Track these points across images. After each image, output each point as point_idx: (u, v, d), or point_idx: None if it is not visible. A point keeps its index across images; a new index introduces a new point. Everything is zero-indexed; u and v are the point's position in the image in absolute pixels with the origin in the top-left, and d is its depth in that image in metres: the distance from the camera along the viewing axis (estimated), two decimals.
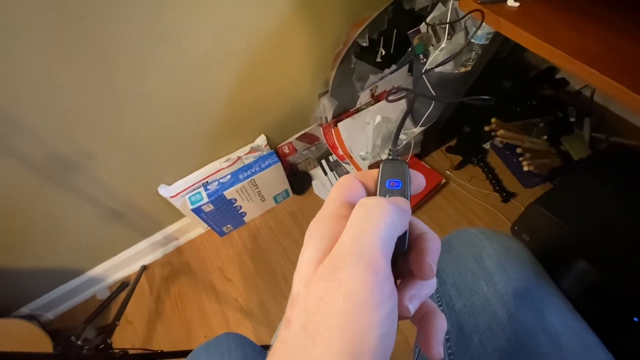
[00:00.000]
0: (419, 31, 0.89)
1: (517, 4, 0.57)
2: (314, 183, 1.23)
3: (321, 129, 1.11)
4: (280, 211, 1.20)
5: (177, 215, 1.09)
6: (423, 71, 0.86)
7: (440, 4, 0.86)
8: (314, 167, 1.25)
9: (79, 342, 0.64)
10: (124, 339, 1.01)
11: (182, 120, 0.86)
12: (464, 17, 0.76)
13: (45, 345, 0.73)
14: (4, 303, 0.96)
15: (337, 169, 1.22)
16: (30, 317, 0.99)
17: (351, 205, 0.20)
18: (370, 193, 0.22)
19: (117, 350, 0.64)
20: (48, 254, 0.94)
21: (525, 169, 1.01)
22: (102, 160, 0.81)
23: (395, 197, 0.20)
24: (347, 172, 1.19)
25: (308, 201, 1.21)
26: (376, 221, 0.18)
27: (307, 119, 1.11)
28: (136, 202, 0.98)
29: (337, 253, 0.17)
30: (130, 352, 0.64)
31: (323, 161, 1.23)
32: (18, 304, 1.00)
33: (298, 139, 1.14)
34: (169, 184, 0.98)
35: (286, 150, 1.14)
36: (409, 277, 0.20)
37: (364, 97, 1.07)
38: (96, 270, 1.08)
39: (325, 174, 1.22)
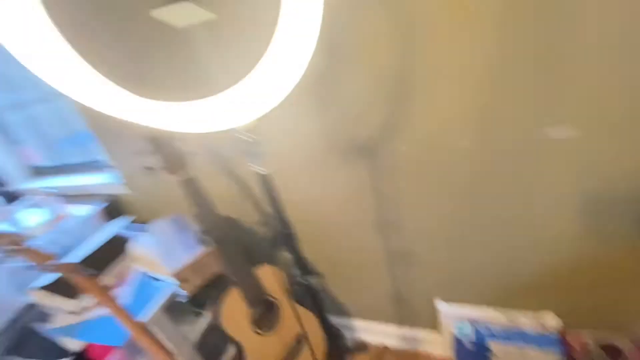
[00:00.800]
0: None
1: None
2: None
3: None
4: None
5: (435, 327, 1.24)
6: None
7: None
8: None
9: None
10: None
11: (493, 262, 1.03)
12: None
13: None
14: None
15: None
16: None
17: None
18: None
19: None
20: (354, 291, 1.35)
21: None
22: (422, 259, 1.11)
23: None
24: None
25: None
26: None
27: (624, 324, 0.96)
28: (408, 298, 1.22)
29: None
30: None
31: None
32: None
33: (596, 339, 1.01)
34: (447, 302, 1.15)
35: (574, 343, 1.03)
36: None
37: None
38: (356, 323, 1.41)
39: None
